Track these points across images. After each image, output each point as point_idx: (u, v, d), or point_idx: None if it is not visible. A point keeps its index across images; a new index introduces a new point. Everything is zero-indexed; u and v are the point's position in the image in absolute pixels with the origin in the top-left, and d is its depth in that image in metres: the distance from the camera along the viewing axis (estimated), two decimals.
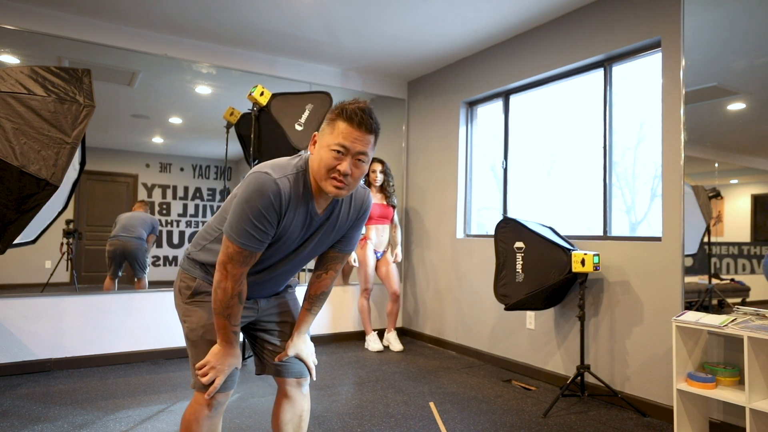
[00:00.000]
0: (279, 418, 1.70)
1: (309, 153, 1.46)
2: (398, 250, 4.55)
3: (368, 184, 4.42)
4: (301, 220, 1.46)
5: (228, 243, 1.40)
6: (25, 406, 2.83)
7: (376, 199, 4.41)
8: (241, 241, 1.38)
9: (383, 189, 4.44)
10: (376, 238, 4.39)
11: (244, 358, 3.85)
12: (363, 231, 4.74)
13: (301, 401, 1.71)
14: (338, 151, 1.34)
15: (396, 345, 4.41)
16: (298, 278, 4.61)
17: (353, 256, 4.36)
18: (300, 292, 4.51)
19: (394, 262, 4.52)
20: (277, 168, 1.40)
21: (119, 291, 3.81)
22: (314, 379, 1.78)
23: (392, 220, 4.54)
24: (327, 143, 1.36)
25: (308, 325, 1.72)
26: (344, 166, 1.34)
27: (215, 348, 1.51)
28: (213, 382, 1.51)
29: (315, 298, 1.69)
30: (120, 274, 3.86)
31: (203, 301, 1.58)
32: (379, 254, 4.44)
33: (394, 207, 4.49)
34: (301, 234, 1.50)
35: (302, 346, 1.70)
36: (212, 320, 1.54)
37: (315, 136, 1.44)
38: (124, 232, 3.88)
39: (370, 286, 4.38)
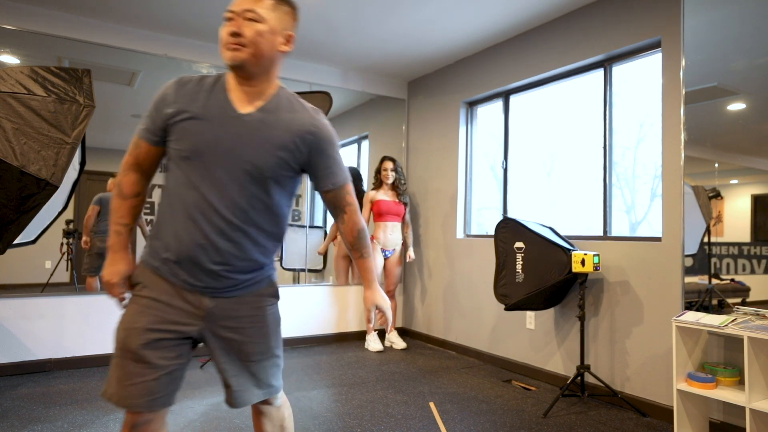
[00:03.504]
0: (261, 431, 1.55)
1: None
2: (410, 251, 4.55)
3: (380, 182, 4.44)
4: (216, 108, 1.32)
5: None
6: (25, 406, 2.83)
7: (387, 196, 4.43)
8: (138, 129, 1.38)
9: (395, 186, 4.47)
10: (384, 237, 4.39)
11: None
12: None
13: (277, 413, 1.54)
14: (228, 19, 1.31)
15: (399, 343, 4.42)
16: (298, 280, 4.65)
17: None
18: (299, 301, 4.51)
19: (408, 260, 4.54)
20: None
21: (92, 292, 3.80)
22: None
23: (404, 219, 4.55)
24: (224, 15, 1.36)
25: (372, 272, 1.51)
26: (231, 25, 1.29)
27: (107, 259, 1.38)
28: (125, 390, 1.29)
29: (355, 243, 1.49)
30: None
31: (138, 294, 1.36)
32: (387, 253, 4.44)
33: (406, 204, 4.53)
34: (224, 128, 1.31)
35: (378, 298, 1.49)
36: (137, 323, 1.31)
37: None
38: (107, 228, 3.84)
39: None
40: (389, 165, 4.43)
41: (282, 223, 1.44)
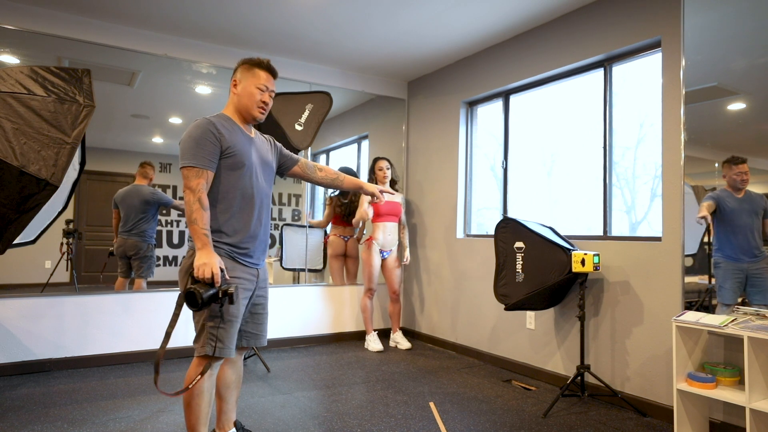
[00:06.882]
0: (223, 380, 2.13)
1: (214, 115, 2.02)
2: (406, 253, 4.51)
3: (375, 182, 4.43)
4: (242, 138, 2.01)
5: (184, 172, 1.87)
6: (25, 406, 2.83)
7: (386, 196, 4.40)
8: (192, 162, 1.86)
9: (392, 186, 4.46)
10: (383, 238, 4.37)
11: (245, 358, 3.85)
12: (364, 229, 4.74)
13: (241, 363, 2.20)
14: (261, 90, 2.04)
15: (404, 343, 4.42)
16: (298, 280, 4.65)
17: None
18: (288, 299, 4.52)
19: (404, 264, 4.50)
20: (202, 117, 1.96)
21: (119, 291, 3.81)
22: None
23: (401, 220, 4.53)
24: (254, 84, 2.02)
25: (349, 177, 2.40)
26: (266, 97, 2.06)
27: (198, 254, 1.83)
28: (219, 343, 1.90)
29: (331, 176, 2.36)
30: (133, 274, 3.86)
31: (232, 276, 1.97)
32: (385, 254, 4.41)
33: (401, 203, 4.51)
34: (251, 151, 2.03)
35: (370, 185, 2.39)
36: (239, 296, 1.95)
37: (236, 81, 2.05)
38: (125, 228, 3.85)
39: (374, 286, 4.38)
40: (384, 164, 4.40)
41: None
